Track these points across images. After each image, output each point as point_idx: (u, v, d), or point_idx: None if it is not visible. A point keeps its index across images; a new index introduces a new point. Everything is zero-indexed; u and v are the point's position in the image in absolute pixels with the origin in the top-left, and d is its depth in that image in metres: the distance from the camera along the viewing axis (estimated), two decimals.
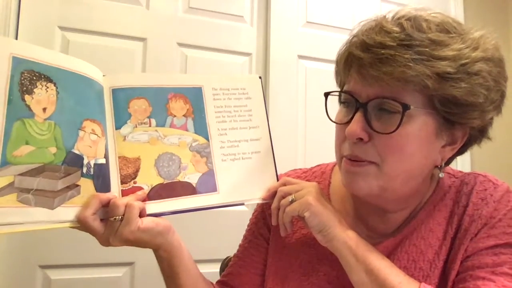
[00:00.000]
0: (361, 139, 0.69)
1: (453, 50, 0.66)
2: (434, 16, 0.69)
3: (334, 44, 0.81)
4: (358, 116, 0.69)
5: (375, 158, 0.69)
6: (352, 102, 0.71)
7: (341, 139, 0.73)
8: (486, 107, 0.68)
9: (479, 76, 0.66)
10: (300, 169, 0.96)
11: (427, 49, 0.65)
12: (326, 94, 0.77)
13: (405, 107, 0.66)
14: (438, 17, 0.69)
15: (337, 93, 0.75)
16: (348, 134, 0.69)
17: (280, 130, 1.78)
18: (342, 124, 0.72)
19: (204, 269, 0.85)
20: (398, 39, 0.66)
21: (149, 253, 0.78)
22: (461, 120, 0.69)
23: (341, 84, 0.77)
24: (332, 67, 0.80)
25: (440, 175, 0.75)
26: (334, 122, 0.75)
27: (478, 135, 0.74)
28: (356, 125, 0.68)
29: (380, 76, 0.65)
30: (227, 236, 1.47)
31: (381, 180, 0.70)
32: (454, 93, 0.65)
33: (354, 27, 0.73)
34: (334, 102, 0.77)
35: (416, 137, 0.68)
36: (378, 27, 0.69)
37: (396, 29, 0.67)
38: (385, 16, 0.71)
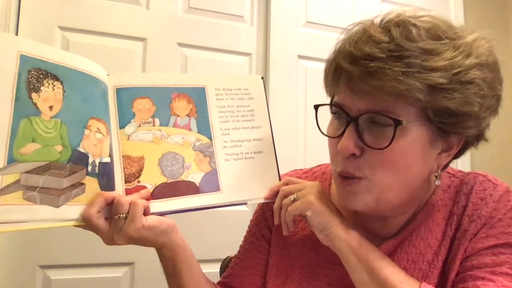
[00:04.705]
0: (353, 153, 0.68)
1: (445, 59, 0.63)
2: (424, 20, 0.66)
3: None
4: (350, 130, 0.67)
5: (366, 173, 0.68)
6: (343, 114, 0.69)
7: (334, 153, 0.72)
8: (482, 114, 0.67)
9: (473, 85, 0.64)
10: (301, 169, 0.96)
11: (417, 61, 0.63)
12: (316, 107, 0.75)
13: (397, 123, 0.64)
14: (428, 22, 0.66)
15: (329, 104, 0.74)
16: (340, 150, 0.68)
17: (280, 130, 1.78)
18: (335, 138, 0.71)
19: (204, 269, 0.85)
20: (388, 50, 0.63)
21: (149, 253, 0.78)
22: (456, 130, 0.68)
23: (331, 93, 0.75)
24: None
25: (436, 183, 0.75)
26: (326, 135, 0.74)
27: (474, 139, 0.73)
28: (348, 141, 0.67)
29: (370, 90, 0.64)
30: (227, 236, 1.48)
31: (374, 193, 0.69)
32: (447, 105, 0.63)
33: (342, 32, 0.72)
34: (324, 111, 0.76)
35: (410, 149, 0.66)
36: (366, 35, 0.66)
37: (385, 38, 0.65)
38: (373, 22, 0.69)
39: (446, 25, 0.68)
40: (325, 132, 0.74)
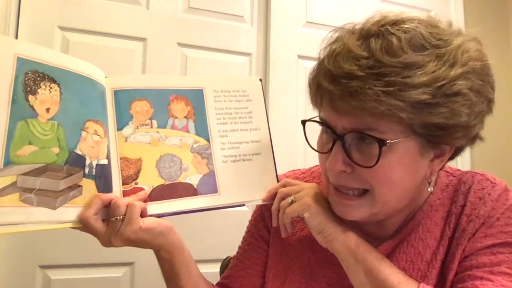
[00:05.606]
0: (344, 171, 0.67)
1: (427, 73, 0.61)
2: (406, 28, 0.64)
3: None
4: (337, 148, 0.67)
5: (364, 185, 0.68)
6: (330, 129, 0.69)
7: (325, 167, 0.71)
8: (471, 122, 0.65)
9: (459, 96, 0.62)
10: (299, 169, 0.96)
11: (398, 78, 0.60)
12: (303, 122, 0.74)
13: (381, 143, 0.63)
14: (410, 29, 0.64)
15: (315, 120, 0.73)
16: (329, 169, 0.68)
17: (280, 130, 1.78)
18: (324, 153, 0.71)
19: (204, 269, 0.85)
20: (367, 67, 0.62)
21: (149, 253, 0.78)
22: (445, 141, 0.67)
23: (316, 108, 0.74)
24: None
25: (429, 189, 0.74)
26: (316, 150, 0.74)
27: (469, 142, 0.71)
28: (336, 159, 0.67)
29: (351, 110, 0.63)
30: (227, 236, 1.48)
31: (375, 208, 0.69)
32: (433, 120, 0.62)
33: (324, 38, 0.71)
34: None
35: (399, 163, 0.65)
36: (345, 50, 0.65)
37: (364, 53, 0.63)
38: (353, 32, 0.68)
39: (430, 30, 0.65)
40: (314, 147, 0.74)
